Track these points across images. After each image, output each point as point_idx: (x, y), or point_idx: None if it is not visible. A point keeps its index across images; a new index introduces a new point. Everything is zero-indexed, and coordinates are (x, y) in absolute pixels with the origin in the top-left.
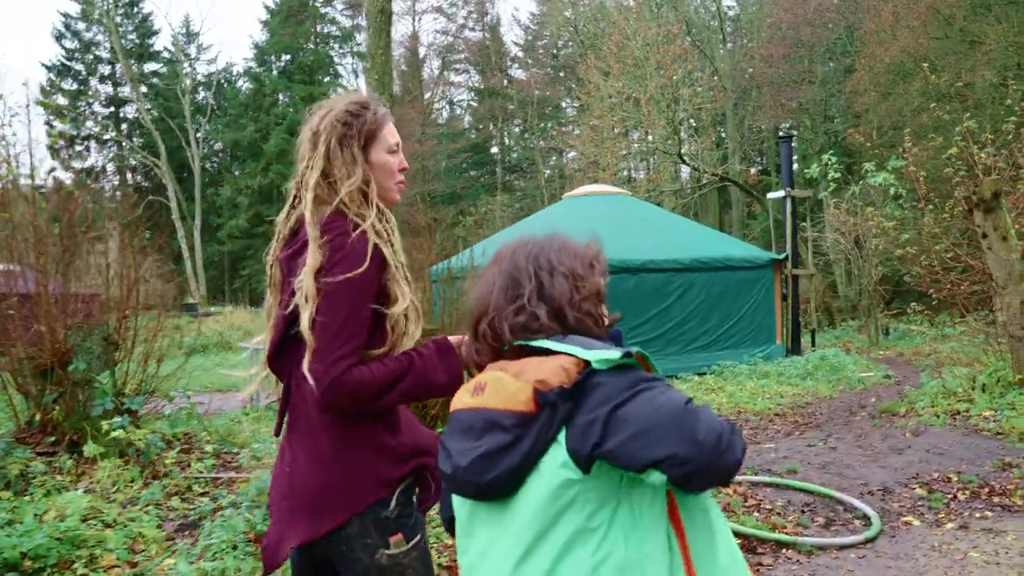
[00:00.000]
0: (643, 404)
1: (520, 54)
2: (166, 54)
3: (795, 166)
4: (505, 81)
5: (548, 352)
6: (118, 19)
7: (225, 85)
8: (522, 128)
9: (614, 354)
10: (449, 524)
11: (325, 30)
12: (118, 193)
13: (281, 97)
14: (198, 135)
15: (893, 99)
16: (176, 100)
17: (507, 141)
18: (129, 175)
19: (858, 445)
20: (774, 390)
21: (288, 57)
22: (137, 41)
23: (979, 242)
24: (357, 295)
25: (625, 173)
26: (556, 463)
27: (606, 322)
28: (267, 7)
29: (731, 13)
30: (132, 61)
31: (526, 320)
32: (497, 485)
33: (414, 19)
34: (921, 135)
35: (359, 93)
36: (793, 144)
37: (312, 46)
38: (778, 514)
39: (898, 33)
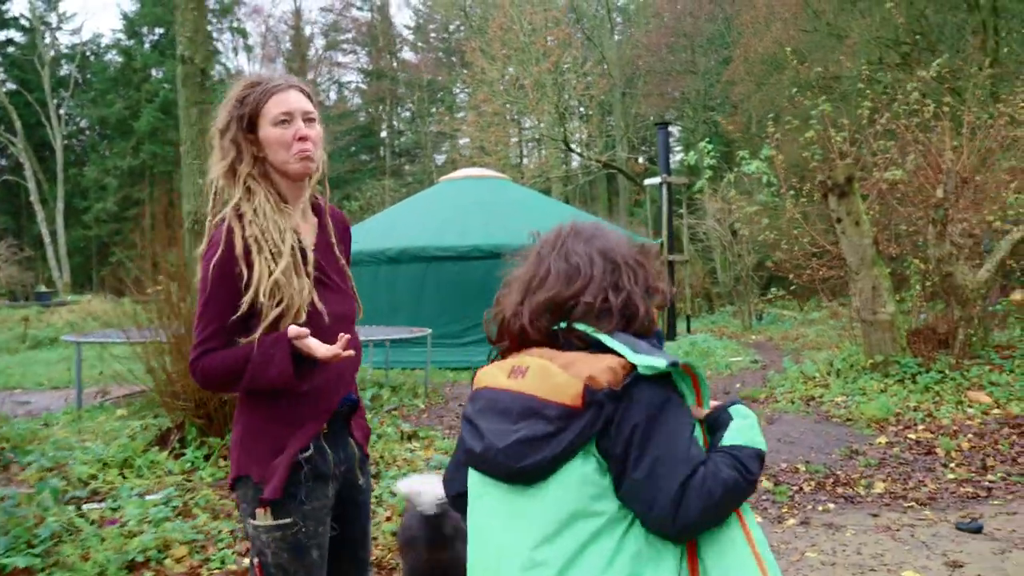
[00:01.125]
0: (659, 435)
1: (410, 36)
2: (23, 21)
3: (680, 155)
4: (395, 63)
5: (592, 344)
6: None
7: (92, 57)
8: (412, 112)
9: (660, 362)
10: (456, 500)
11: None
12: None
13: (154, 73)
14: (60, 111)
15: (766, 89)
16: (35, 72)
17: (396, 125)
18: None
19: None
20: None
21: (162, 31)
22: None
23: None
24: (210, 282)
25: (517, 160)
26: (585, 459)
27: (656, 319)
28: None
29: (620, 2)
30: None
31: (584, 310)
32: (532, 471)
33: None
34: (788, 123)
35: (256, 75)
36: (675, 131)
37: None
38: None
39: (771, 25)
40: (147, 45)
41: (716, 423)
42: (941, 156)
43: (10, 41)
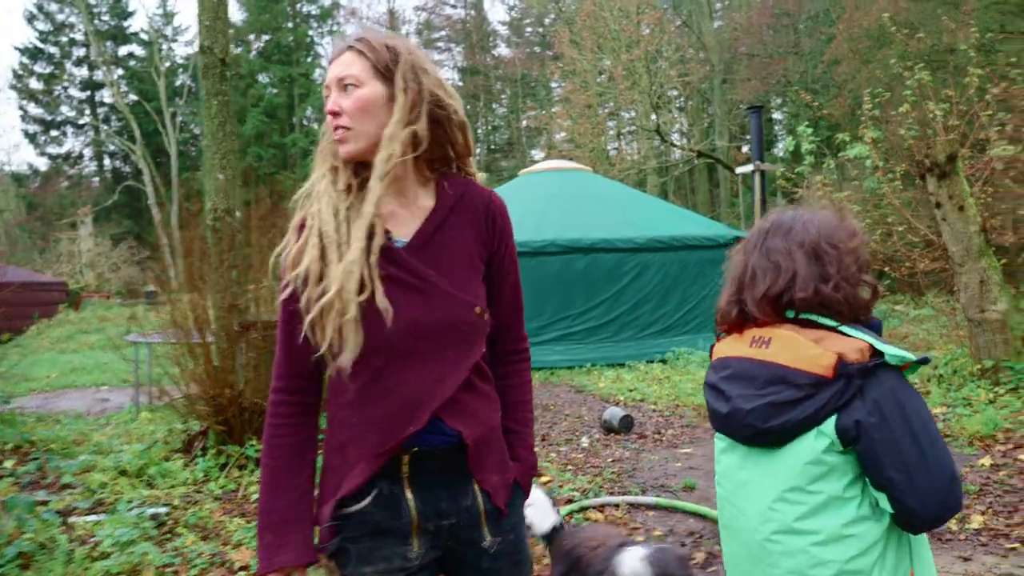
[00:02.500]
0: (916, 419)
1: (505, 31)
2: (143, 35)
3: (785, 141)
4: (489, 59)
5: (829, 330)
6: (92, 1)
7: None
8: (507, 107)
9: (909, 355)
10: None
11: (303, 9)
12: (95, 180)
13: (261, 78)
14: (176, 119)
15: (872, 67)
16: (152, 83)
17: (491, 121)
18: (107, 160)
19: None
20: None
21: (267, 37)
22: (112, 23)
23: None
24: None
25: (615, 150)
26: (825, 430)
27: (870, 305)
28: None
29: None
30: (107, 43)
31: (803, 304)
32: (776, 434)
33: None
34: (878, 96)
35: (341, 39)
36: (779, 117)
37: (291, 25)
38: None
39: None
40: (253, 52)
41: None
42: None
43: (131, 55)
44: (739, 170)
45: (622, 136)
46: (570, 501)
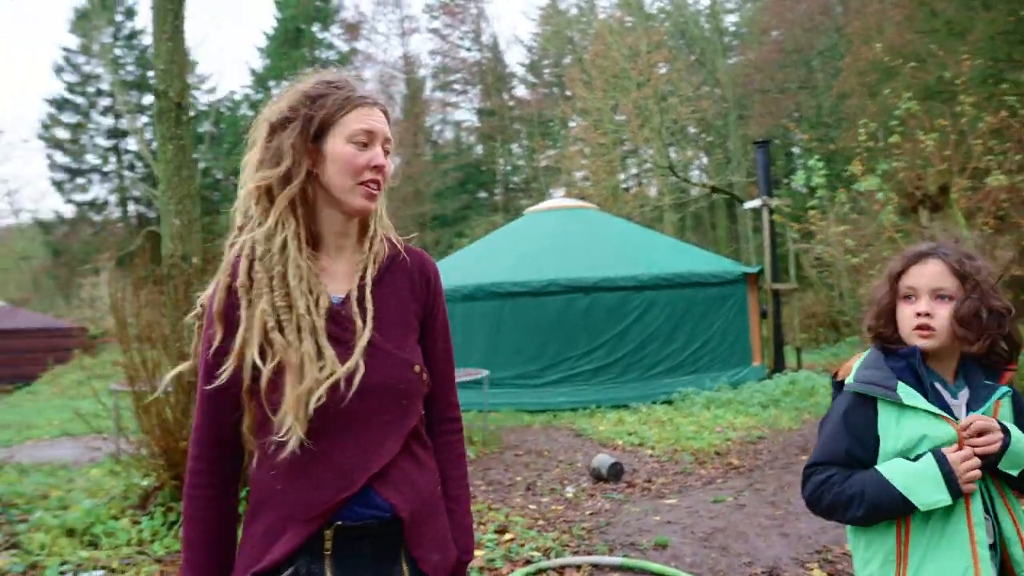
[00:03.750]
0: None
1: (523, 72)
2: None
3: (797, 174)
4: (506, 98)
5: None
6: (118, 52)
7: (226, 112)
8: (526, 147)
9: (851, 381)
10: None
11: (323, 55)
12: (119, 225)
13: None
14: (199, 164)
15: (880, 100)
16: None
17: (508, 161)
18: (131, 206)
19: (772, 502)
20: (728, 422)
21: (286, 83)
22: (137, 72)
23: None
24: (202, 349)
25: (634, 187)
26: None
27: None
28: (265, 34)
29: (729, 20)
30: (131, 92)
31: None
32: None
33: (402, 39)
34: (864, 127)
35: (337, 73)
36: (796, 151)
37: (309, 70)
38: None
39: (884, 29)
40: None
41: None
42: None
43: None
44: (747, 205)
45: (640, 174)
46: (528, 562)
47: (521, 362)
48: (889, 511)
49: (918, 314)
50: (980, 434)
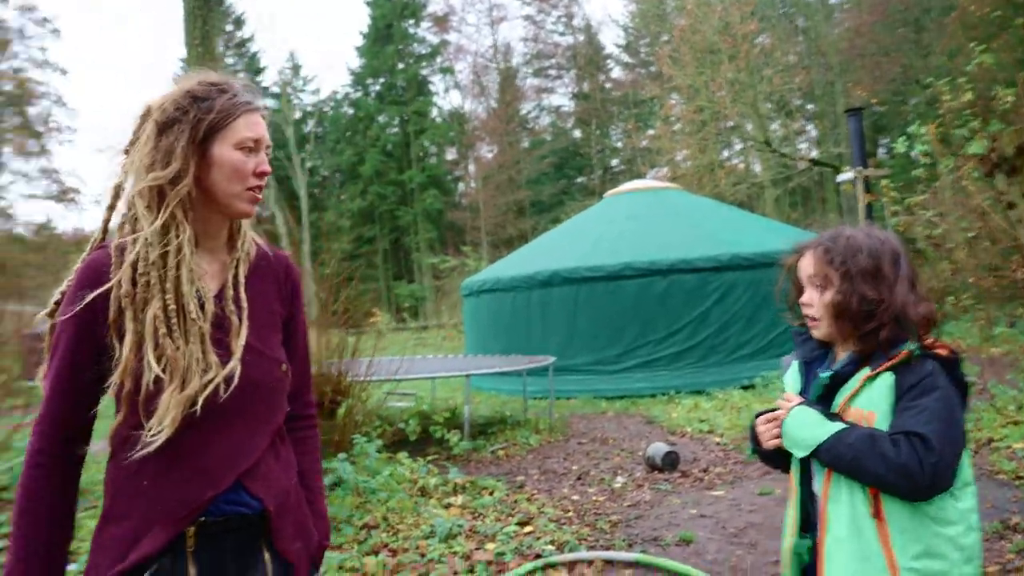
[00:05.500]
0: None
1: (618, 53)
2: (274, 88)
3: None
4: (604, 81)
5: None
6: (229, 60)
7: (330, 111)
8: (623, 130)
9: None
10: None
11: (414, 49)
12: None
13: (382, 118)
14: (305, 164)
15: (994, 54)
16: (282, 132)
17: (600, 145)
18: None
19: None
20: None
21: (383, 79)
22: (247, 78)
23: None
24: (55, 341)
25: (739, 163)
26: None
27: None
28: (361, 33)
29: None
30: None
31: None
32: None
33: (492, 28)
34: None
35: (220, 75)
36: (914, 119)
37: (402, 66)
38: None
39: None
40: (371, 95)
41: None
42: None
43: (264, 106)
44: (839, 178)
45: (744, 149)
46: (538, 556)
47: (598, 348)
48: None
49: (800, 303)
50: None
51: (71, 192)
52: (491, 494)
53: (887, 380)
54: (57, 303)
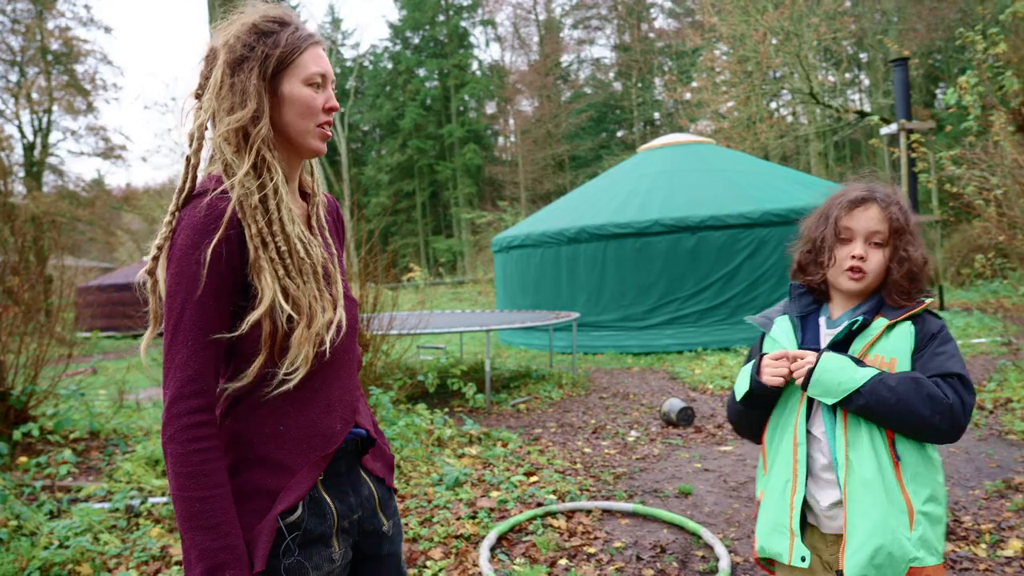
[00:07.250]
0: None
1: (666, 3)
2: None
3: (948, 92)
4: (647, 31)
5: None
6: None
7: (370, 66)
8: (666, 82)
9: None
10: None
11: (455, 1)
12: None
13: (421, 72)
14: (345, 119)
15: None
16: None
17: (640, 97)
18: None
19: None
20: None
21: (423, 33)
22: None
23: None
24: (183, 299)
25: (788, 115)
26: None
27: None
28: None
29: None
30: None
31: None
32: None
33: None
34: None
35: (279, 7)
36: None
37: (443, 19)
38: (606, 561)
39: None
40: (410, 49)
41: None
42: None
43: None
44: (883, 131)
45: (792, 101)
46: (540, 505)
47: (626, 304)
48: (732, 405)
49: (853, 256)
50: (793, 360)
51: (118, 149)
52: (504, 446)
53: (907, 329)
54: (155, 258)
